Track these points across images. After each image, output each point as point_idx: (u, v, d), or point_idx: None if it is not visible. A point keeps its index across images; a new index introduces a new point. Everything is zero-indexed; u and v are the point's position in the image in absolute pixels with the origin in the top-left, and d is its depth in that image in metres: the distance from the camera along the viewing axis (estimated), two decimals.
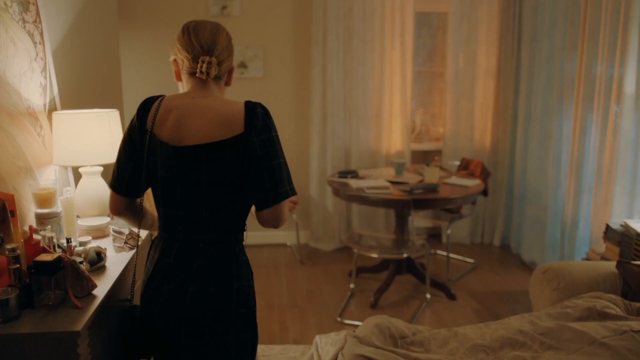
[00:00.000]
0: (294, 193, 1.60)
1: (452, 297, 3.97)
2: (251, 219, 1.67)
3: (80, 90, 2.76)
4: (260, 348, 2.29)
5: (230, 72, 1.69)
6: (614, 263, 2.79)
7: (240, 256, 1.63)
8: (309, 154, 4.96)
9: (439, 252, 4.95)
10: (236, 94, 4.87)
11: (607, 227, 3.34)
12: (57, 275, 1.57)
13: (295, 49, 4.89)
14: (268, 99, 4.85)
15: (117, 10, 3.61)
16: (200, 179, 1.55)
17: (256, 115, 1.55)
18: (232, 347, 1.60)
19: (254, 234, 5.07)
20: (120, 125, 2.34)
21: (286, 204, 1.60)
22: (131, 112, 2.83)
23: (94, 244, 1.94)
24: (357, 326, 2.96)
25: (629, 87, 3.47)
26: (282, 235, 5.13)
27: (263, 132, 1.54)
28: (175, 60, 1.68)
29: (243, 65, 4.82)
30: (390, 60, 4.90)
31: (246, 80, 4.86)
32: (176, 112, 1.58)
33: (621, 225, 3.23)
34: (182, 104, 1.60)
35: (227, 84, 1.70)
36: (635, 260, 2.99)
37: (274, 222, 1.60)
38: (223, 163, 1.53)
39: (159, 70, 4.74)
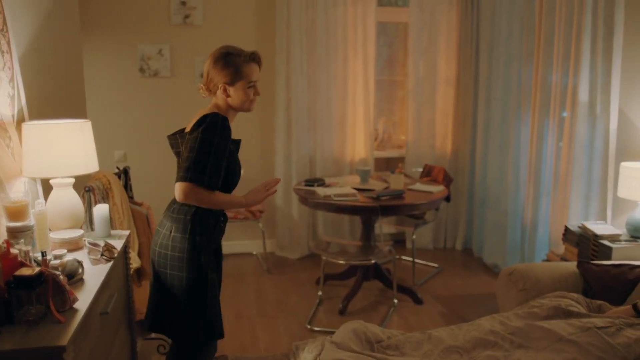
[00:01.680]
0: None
1: (418, 301, 4.05)
2: None
3: (45, 100, 2.71)
4: (235, 358, 2.30)
5: (222, 88, 2.13)
6: (575, 263, 2.91)
7: None
8: (274, 162, 4.97)
9: (403, 257, 5.03)
10: (199, 102, 4.84)
11: (566, 229, 3.48)
12: (38, 290, 1.54)
13: None
14: None
15: (79, 20, 3.56)
16: None
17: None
18: None
19: None
20: (92, 135, 2.31)
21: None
22: (95, 121, 2.79)
23: (69, 256, 1.91)
24: (327, 333, 3.00)
25: (583, 95, 3.63)
26: (248, 245, 5.12)
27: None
28: None
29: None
30: (352, 70, 4.97)
31: None
32: None
33: (579, 227, 3.38)
34: None
35: (227, 96, 2.15)
36: (593, 260, 3.13)
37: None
38: None
39: (121, 80, 4.68)
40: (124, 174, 3.14)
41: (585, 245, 3.25)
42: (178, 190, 1.98)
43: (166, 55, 4.70)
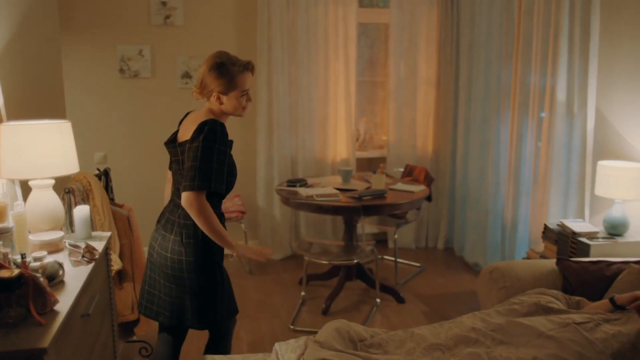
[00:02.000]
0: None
1: (401, 300, 4.07)
2: None
3: (23, 100, 2.68)
4: (219, 358, 2.29)
5: (215, 96, 2.21)
6: (554, 261, 2.95)
7: None
8: (255, 163, 4.97)
9: (385, 257, 5.06)
10: (181, 103, 4.83)
11: (545, 227, 3.52)
12: (18, 292, 1.53)
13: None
14: None
15: (58, 20, 3.53)
16: None
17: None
18: None
19: None
20: (72, 136, 2.29)
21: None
22: (75, 123, 2.78)
23: (49, 258, 1.89)
24: (310, 333, 3.00)
25: (560, 95, 3.68)
26: None
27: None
28: None
29: (187, 75, 4.79)
30: (334, 70, 4.99)
31: (190, 90, 4.81)
32: None
33: (558, 225, 3.42)
34: None
35: (221, 103, 2.23)
36: (572, 257, 3.18)
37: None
38: None
39: (101, 81, 4.64)
40: (104, 176, 3.11)
41: (564, 242, 3.30)
42: (185, 198, 2.07)
43: (147, 56, 4.67)
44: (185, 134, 2.20)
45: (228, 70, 2.18)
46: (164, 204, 2.42)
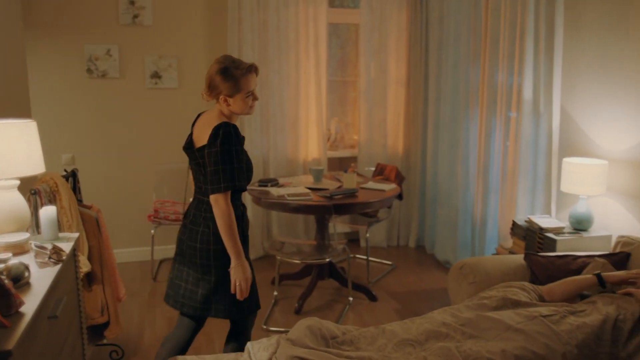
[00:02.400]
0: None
1: (373, 298, 4.10)
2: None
3: None
4: (191, 358, 2.28)
5: (222, 99, 2.34)
6: (522, 256, 3.01)
7: None
8: None
9: (358, 256, 5.09)
10: (151, 105, 4.79)
11: (514, 223, 3.59)
12: None
13: (211, 59, 4.85)
14: (183, 110, 4.79)
15: (21, 18, 3.45)
16: None
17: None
18: None
19: (173, 247, 4.97)
20: (38, 136, 2.24)
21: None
22: (41, 123, 2.75)
23: (14, 260, 1.86)
24: (284, 332, 3.00)
25: (527, 94, 3.76)
26: None
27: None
28: None
29: (156, 75, 4.74)
30: (305, 70, 4.99)
31: (160, 90, 4.78)
32: None
33: (525, 221, 3.49)
34: None
35: (228, 105, 2.35)
36: (539, 252, 3.24)
37: None
38: None
39: (68, 81, 4.56)
40: (72, 177, 3.06)
41: (532, 238, 3.36)
42: (213, 200, 2.29)
43: (115, 56, 4.61)
44: (201, 137, 2.34)
45: (232, 74, 2.31)
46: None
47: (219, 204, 2.27)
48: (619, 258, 2.88)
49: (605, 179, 3.18)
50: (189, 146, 2.43)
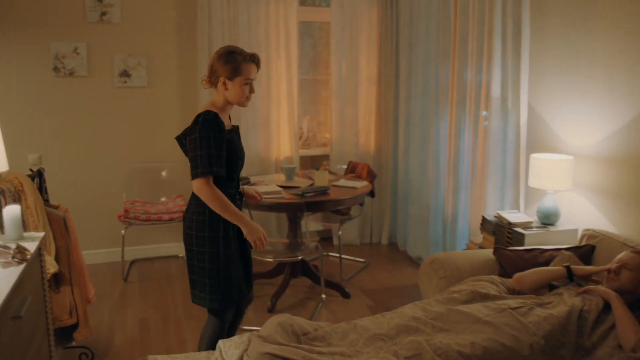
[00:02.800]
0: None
1: (346, 295, 4.11)
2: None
3: None
4: (162, 358, 2.25)
5: (222, 81, 2.39)
6: (491, 250, 3.06)
7: None
8: None
9: (331, 254, 5.10)
10: (120, 103, 4.72)
11: (483, 219, 3.64)
12: None
13: (181, 57, 4.82)
14: (153, 108, 4.74)
15: None
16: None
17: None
18: None
19: (144, 248, 4.92)
20: (0, 136, 2.20)
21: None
22: (6, 123, 2.67)
23: None
24: (258, 330, 2.98)
25: (495, 91, 3.81)
26: (173, 247, 5.02)
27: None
28: None
29: (126, 73, 4.67)
30: (276, 69, 4.98)
31: (130, 89, 4.71)
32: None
33: (495, 217, 3.54)
34: None
35: (226, 89, 2.41)
36: (508, 246, 3.29)
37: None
38: None
39: (34, 79, 4.46)
40: (38, 176, 3.00)
41: (501, 233, 3.42)
42: (194, 187, 2.36)
43: (82, 54, 4.53)
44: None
45: (235, 58, 2.38)
46: None
47: (200, 189, 2.33)
48: (585, 251, 2.94)
49: (572, 175, 3.25)
50: (178, 137, 2.49)
